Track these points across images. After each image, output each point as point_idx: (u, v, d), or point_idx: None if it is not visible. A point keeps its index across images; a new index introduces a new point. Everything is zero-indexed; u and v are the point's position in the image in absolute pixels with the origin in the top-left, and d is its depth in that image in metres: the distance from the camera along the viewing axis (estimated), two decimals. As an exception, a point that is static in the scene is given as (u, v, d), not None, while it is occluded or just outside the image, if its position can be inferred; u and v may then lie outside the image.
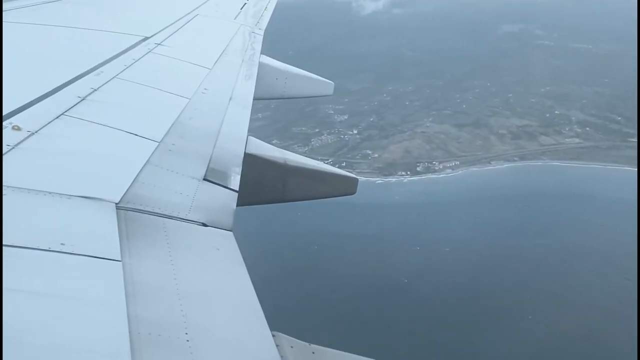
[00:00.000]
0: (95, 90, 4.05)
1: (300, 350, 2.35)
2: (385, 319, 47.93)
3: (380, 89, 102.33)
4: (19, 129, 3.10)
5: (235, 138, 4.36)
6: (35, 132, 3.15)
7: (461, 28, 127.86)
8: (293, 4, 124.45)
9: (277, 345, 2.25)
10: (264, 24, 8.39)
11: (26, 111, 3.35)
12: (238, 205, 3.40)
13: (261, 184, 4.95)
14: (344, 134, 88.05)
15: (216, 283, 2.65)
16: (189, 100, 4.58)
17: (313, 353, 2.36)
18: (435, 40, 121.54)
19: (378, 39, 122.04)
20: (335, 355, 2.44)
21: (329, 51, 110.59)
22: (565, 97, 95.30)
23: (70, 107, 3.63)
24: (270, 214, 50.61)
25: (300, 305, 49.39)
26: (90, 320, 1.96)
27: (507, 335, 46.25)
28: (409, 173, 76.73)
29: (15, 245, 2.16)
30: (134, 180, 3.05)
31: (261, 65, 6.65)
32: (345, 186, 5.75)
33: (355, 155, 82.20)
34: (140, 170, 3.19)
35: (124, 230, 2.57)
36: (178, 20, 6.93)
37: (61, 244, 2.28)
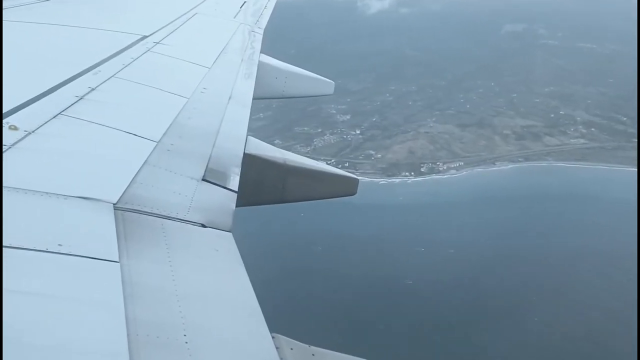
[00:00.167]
0: (93, 89, 4.10)
1: (300, 352, 2.38)
2: (388, 321, 48.09)
3: (383, 89, 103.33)
4: (16, 128, 3.12)
5: (235, 138, 4.41)
6: (33, 132, 3.18)
7: (464, 27, 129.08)
8: (295, 3, 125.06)
9: (277, 347, 2.28)
10: (264, 22, 8.49)
11: (23, 110, 3.38)
12: (237, 205, 3.44)
13: (261, 185, 5.02)
14: (347, 134, 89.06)
15: (215, 284, 2.69)
16: (188, 99, 4.65)
17: (313, 355, 2.37)
18: (438, 39, 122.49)
19: (380, 39, 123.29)
20: (335, 357, 2.45)
21: (331, 51, 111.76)
22: (570, 98, 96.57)
23: (68, 107, 3.67)
24: (270, 214, 51.03)
25: (301, 306, 49.69)
26: (88, 321, 2.00)
27: (513, 337, 46.54)
28: (412, 174, 77.75)
29: (13, 246, 2.18)
30: (132, 180, 3.09)
31: (261, 65, 6.71)
32: (345, 187, 5.84)
33: (358, 155, 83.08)
34: (138, 171, 3.23)
35: (122, 231, 2.60)
36: (177, 19, 7.00)
37: (59, 244, 2.30)
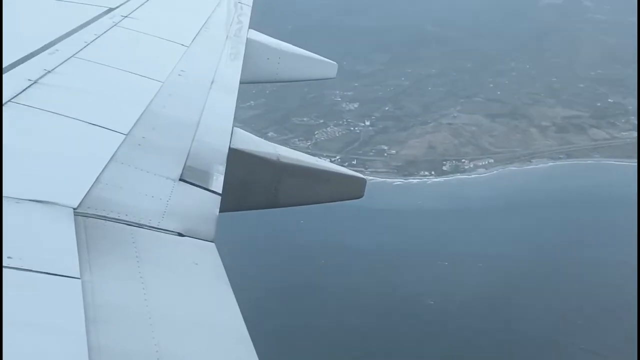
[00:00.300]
0: (49, 72, 4.18)
1: None
2: (406, 348, 49.01)
3: (398, 72, 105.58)
4: None
5: (218, 130, 4.57)
6: None
7: None
8: None
9: None
10: None
11: None
12: (221, 210, 3.53)
13: (250, 186, 5.16)
14: (354, 126, 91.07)
15: (195, 305, 2.74)
16: (162, 84, 4.77)
17: None
18: (463, 12, 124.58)
19: (394, 12, 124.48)
20: None
21: (335, 26, 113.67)
22: (621, 83, 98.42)
23: (19, 93, 3.72)
24: (262, 221, 50.77)
25: (299, 332, 50.12)
26: (43, 350, 2.00)
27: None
28: (433, 173, 79.76)
29: None
30: (95, 180, 3.15)
31: (250, 42, 6.99)
32: (351, 188, 6.03)
33: (368, 151, 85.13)
34: (103, 169, 3.29)
35: (83, 241, 2.64)
36: None
37: (8, 257, 2.32)
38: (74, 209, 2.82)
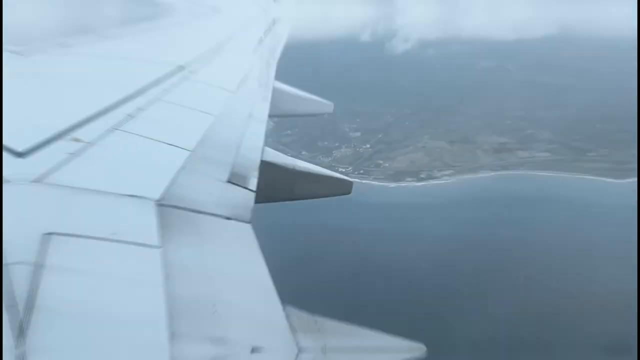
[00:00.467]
0: (141, 109, 4.81)
1: (306, 321, 2.82)
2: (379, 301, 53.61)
3: (385, 112, 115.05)
4: (78, 140, 3.74)
5: (253, 148, 5.14)
6: (92, 143, 3.79)
7: (449, 63, 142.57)
8: (322, 43, 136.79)
9: (287, 317, 2.73)
10: (277, 56, 10.05)
11: (85, 126, 4.05)
12: (255, 202, 4.04)
13: (274, 186, 5.83)
14: (359, 147, 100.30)
15: (237, 266, 3.18)
16: (216, 117, 5.41)
17: (316, 322, 2.86)
18: (427, 73, 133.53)
19: (380, 71, 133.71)
20: (333, 325, 2.92)
21: (340, 81, 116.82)
22: (535, 120, 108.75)
23: (121, 123, 4.34)
24: (284, 210, 46.10)
25: (310, 285, 53.11)
26: (135, 296, 2.39)
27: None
28: (414, 179, 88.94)
29: (76, 234, 2.64)
30: (171, 181, 3.61)
31: (274, 90, 7.88)
32: (342, 187, 6.91)
33: (370, 164, 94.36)
34: (176, 174, 3.76)
35: (162, 223, 3.04)
36: (208, 52, 8.18)
37: (112, 233, 2.74)
38: (156, 200, 3.25)
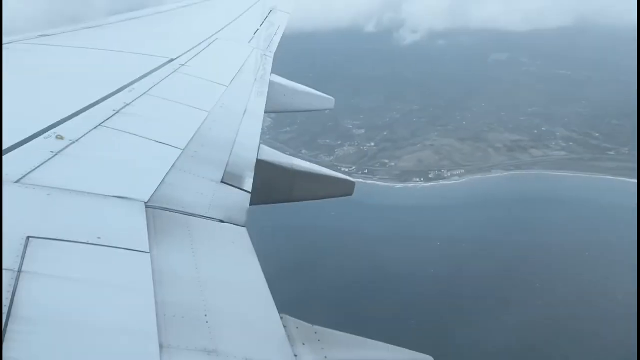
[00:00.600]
0: (128, 104, 4.59)
1: (305, 330, 2.73)
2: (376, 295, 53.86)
3: (390, 108, 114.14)
4: (62, 138, 3.57)
5: (249, 146, 4.94)
6: (76, 141, 3.62)
7: (459, 55, 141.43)
8: (329, 33, 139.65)
9: (285, 327, 2.63)
10: (274, 47, 9.59)
11: (68, 122, 3.87)
12: (251, 204, 3.89)
13: (271, 186, 5.63)
14: (363, 146, 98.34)
15: (232, 272, 3.07)
16: (209, 113, 5.19)
17: (316, 333, 2.75)
18: (435, 65, 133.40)
19: (385, 63, 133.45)
20: (335, 335, 2.83)
21: (343, 74, 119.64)
22: (550, 116, 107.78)
23: (107, 119, 4.15)
24: (279, 212, 47.57)
25: (309, 292, 52.75)
26: (123, 304, 2.30)
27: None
28: (422, 179, 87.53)
29: (59, 239, 2.53)
30: (161, 182, 3.50)
31: (271, 84, 7.52)
32: (344, 188, 6.63)
33: (375, 164, 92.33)
34: (166, 174, 3.65)
35: (152, 226, 2.95)
36: (200, 44, 7.79)
37: (98, 237, 2.63)
38: (145, 202, 3.15)
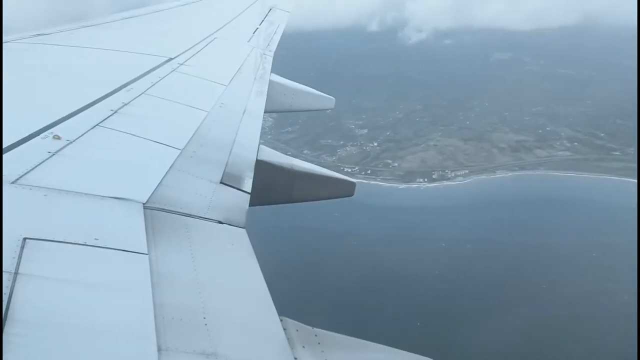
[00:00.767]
0: (126, 104, 4.58)
1: (305, 333, 2.69)
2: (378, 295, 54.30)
3: (393, 107, 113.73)
4: (59, 138, 3.55)
5: (248, 146, 4.91)
6: (73, 141, 3.61)
7: (462, 54, 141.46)
8: (335, 32, 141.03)
9: (284, 329, 2.60)
10: (274, 46, 9.44)
11: (65, 122, 3.86)
12: (250, 205, 3.87)
13: (271, 187, 5.62)
14: (366, 146, 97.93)
15: (231, 274, 3.05)
16: (208, 113, 5.18)
17: (316, 336, 2.71)
18: (438, 64, 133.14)
19: (388, 63, 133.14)
20: (335, 338, 2.80)
21: (345, 73, 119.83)
22: (554, 116, 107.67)
23: (104, 119, 4.12)
24: (280, 213, 52.46)
25: (311, 294, 53.07)
26: (121, 306, 2.29)
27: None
28: (426, 180, 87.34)
29: (56, 240, 2.52)
30: (159, 183, 3.48)
31: (271, 83, 7.47)
32: (344, 189, 6.60)
33: (378, 164, 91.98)
34: (165, 175, 3.63)
35: (150, 227, 2.94)
36: (198, 42, 7.75)
37: (95, 239, 2.61)
38: (143, 203, 3.14)
